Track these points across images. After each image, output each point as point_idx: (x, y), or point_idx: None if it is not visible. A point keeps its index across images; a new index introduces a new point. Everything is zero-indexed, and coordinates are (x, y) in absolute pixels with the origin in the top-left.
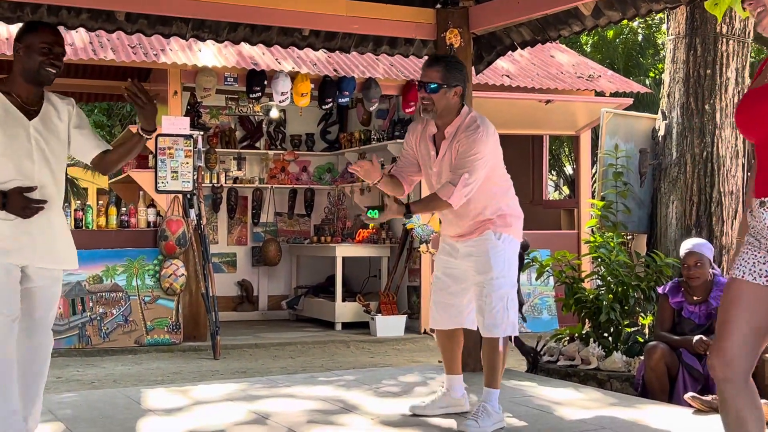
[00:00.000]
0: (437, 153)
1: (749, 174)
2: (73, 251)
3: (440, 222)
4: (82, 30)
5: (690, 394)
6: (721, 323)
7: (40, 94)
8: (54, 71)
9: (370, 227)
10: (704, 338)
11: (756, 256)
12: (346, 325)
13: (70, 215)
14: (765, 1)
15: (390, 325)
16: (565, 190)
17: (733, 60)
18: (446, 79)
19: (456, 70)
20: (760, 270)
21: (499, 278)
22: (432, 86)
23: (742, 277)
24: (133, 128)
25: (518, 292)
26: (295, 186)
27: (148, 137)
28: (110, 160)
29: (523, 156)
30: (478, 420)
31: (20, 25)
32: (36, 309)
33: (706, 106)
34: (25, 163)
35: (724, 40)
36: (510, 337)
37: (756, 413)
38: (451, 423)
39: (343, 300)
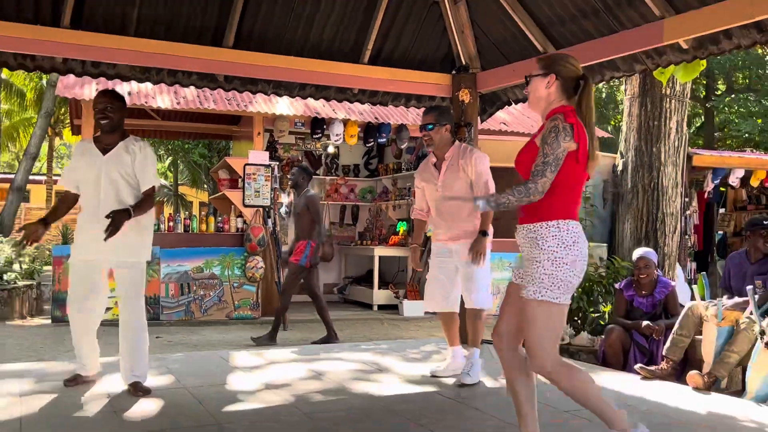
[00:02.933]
0: (439, 172)
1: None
2: (137, 248)
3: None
4: (192, 87)
5: (639, 365)
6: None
7: (116, 139)
8: (104, 122)
9: (400, 233)
10: (650, 323)
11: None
12: (381, 307)
13: (180, 222)
14: None
15: (414, 308)
16: None
17: (674, 114)
18: (437, 120)
19: (443, 113)
20: (517, 272)
21: (484, 268)
22: (429, 126)
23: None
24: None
25: None
26: (345, 203)
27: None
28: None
29: (511, 185)
30: (470, 373)
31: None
32: (120, 289)
33: (654, 149)
34: (93, 184)
35: (668, 99)
36: None
37: None
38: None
39: (379, 288)
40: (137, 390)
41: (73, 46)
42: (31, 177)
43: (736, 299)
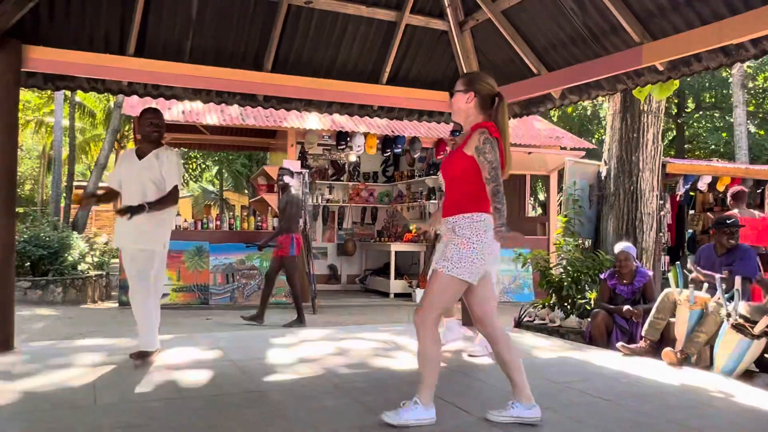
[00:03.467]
0: None
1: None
2: (149, 237)
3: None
4: (236, 105)
5: (620, 343)
6: None
7: (152, 148)
8: (155, 133)
9: (413, 231)
10: (630, 308)
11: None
12: (397, 295)
13: (226, 222)
14: None
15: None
16: (539, 210)
17: (650, 128)
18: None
19: None
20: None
21: None
22: (456, 133)
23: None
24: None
25: None
26: (365, 205)
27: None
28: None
29: (513, 188)
30: (477, 348)
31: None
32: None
33: (633, 158)
34: (128, 184)
35: (645, 114)
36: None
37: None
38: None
39: (395, 278)
40: (137, 356)
41: (137, 71)
42: (100, 184)
43: (705, 272)
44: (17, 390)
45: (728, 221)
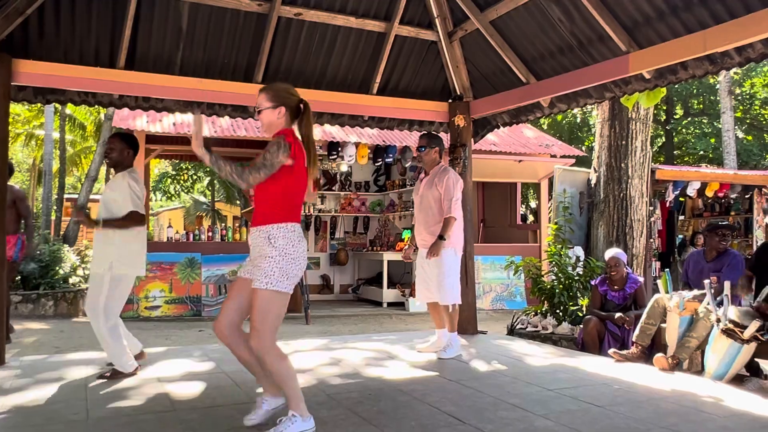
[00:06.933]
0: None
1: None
2: (98, 258)
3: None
4: (227, 117)
5: (612, 349)
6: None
7: (117, 171)
8: (107, 161)
9: (405, 240)
10: (622, 314)
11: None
12: (390, 304)
13: (218, 233)
14: None
15: (418, 304)
16: (530, 218)
17: (639, 135)
18: (428, 144)
19: (433, 139)
20: (246, 268)
21: (446, 269)
22: (421, 148)
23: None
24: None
25: None
26: (357, 214)
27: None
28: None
29: (504, 195)
30: (446, 350)
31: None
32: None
33: (622, 165)
34: (100, 204)
35: (633, 122)
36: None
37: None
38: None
39: (388, 287)
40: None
41: (127, 84)
42: (91, 196)
43: (695, 292)
44: (9, 405)
45: (720, 224)
